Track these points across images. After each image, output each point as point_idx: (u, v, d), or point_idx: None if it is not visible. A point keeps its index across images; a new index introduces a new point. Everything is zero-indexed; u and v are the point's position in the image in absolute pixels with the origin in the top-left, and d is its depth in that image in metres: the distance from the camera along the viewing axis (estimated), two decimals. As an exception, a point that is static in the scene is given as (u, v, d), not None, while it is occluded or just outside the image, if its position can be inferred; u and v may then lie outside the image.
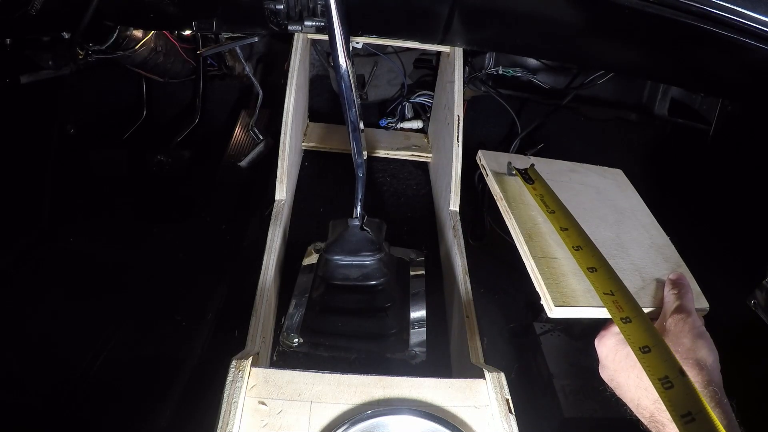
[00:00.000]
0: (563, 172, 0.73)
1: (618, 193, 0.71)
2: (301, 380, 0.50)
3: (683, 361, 0.42)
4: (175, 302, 0.90)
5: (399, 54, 1.20)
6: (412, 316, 0.76)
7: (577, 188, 0.69)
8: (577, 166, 0.75)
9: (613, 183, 0.74)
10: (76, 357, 0.80)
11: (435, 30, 0.74)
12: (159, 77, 1.24)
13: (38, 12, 0.65)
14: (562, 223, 0.58)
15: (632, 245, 0.60)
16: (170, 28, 1.07)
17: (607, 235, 0.61)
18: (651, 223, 0.66)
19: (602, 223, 0.63)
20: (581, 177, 0.73)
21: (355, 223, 0.73)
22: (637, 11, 0.59)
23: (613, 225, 0.63)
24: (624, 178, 0.76)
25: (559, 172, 0.72)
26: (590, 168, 0.75)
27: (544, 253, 0.55)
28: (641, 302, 0.50)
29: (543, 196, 0.63)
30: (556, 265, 0.54)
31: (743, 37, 0.57)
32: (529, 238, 0.57)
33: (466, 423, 0.48)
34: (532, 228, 0.59)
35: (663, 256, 0.60)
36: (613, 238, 0.61)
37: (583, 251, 0.54)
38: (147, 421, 0.73)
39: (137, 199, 1.18)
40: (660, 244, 0.62)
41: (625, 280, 0.52)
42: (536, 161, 0.71)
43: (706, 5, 0.56)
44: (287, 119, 0.86)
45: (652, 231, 0.65)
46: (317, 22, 0.69)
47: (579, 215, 0.60)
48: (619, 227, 0.63)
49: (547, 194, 0.64)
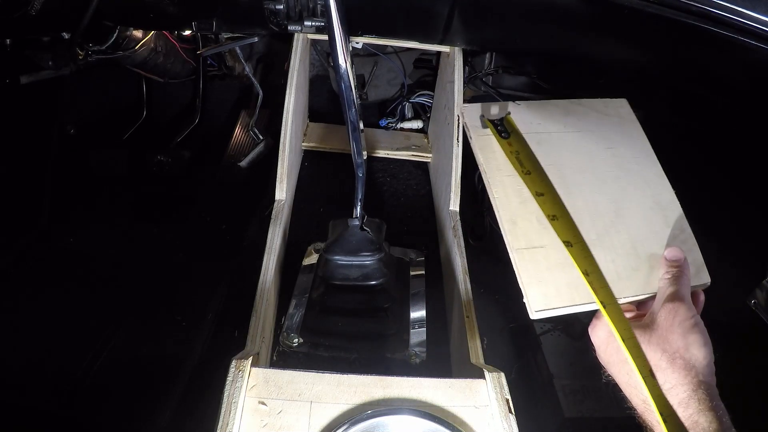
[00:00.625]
0: (556, 117, 0.63)
1: (620, 136, 0.62)
2: (301, 380, 0.50)
3: (671, 362, 0.41)
4: (175, 302, 0.90)
5: (399, 54, 1.20)
6: (412, 316, 0.76)
7: (572, 139, 0.60)
8: (573, 105, 0.65)
9: (615, 122, 0.64)
10: (76, 357, 0.80)
11: (435, 30, 0.74)
12: (159, 77, 1.24)
13: (38, 12, 0.65)
14: (538, 187, 0.53)
15: (631, 209, 0.55)
16: (170, 28, 1.07)
17: (604, 201, 0.55)
18: (655, 174, 0.59)
19: (600, 184, 0.56)
20: (577, 121, 0.63)
21: (355, 223, 0.73)
22: (637, 11, 0.59)
23: (612, 184, 0.57)
24: (628, 111, 0.66)
25: (552, 119, 0.63)
26: (589, 105, 0.66)
27: (528, 242, 0.51)
28: (634, 287, 0.48)
29: (518, 153, 0.56)
30: (541, 256, 0.50)
31: (743, 37, 0.57)
32: (512, 224, 0.52)
33: (466, 423, 0.48)
34: (517, 207, 0.53)
35: (665, 218, 0.55)
36: (610, 203, 0.55)
37: (558, 221, 0.50)
38: (147, 421, 0.73)
39: (137, 199, 1.18)
40: (663, 203, 0.56)
41: (619, 259, 0.49)
42: (525, 107, 0.62)
43: (706, 5, 0.56)
44: (287, 119, 0.86)
45: (655, 186, 0.58)
46: (317, 22, 0.69)
47: (573, 175, 0.55)
48: (618, 185, 0.57)
49: (522, 150, 0.56)
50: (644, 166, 0.59)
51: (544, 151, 0.58)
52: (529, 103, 0.63)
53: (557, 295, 0.48)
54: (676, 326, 0.42)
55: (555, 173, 0.56)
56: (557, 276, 0.49)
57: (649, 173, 0.59)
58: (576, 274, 0.49)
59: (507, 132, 0.59)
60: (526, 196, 0.54)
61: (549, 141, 0.59)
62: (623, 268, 0.50)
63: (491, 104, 0.64)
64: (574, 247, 0.49)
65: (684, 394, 0.39)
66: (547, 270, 0.49)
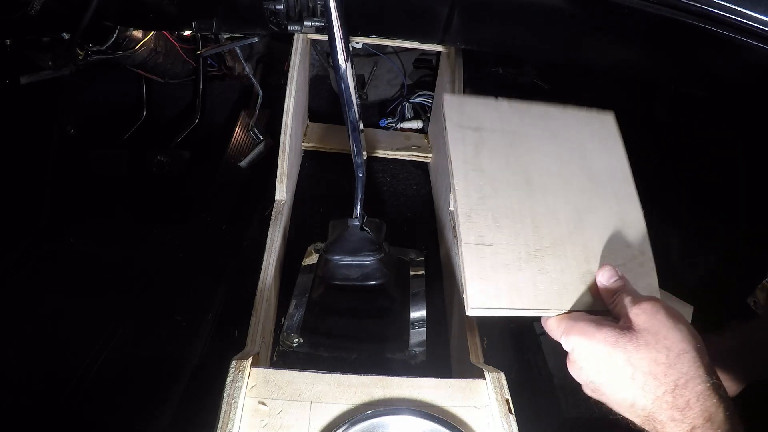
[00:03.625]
0: (536, 120, 0.62)
1: (598, 150, 0.60)
2: (301, 380, 0.50)
3: (678, 357, 0.38)
4: (175, 302, 0.90)
5: (399, 54, 1.20)
6: (412, 316, 0.76)
7: (548, 144, 0.59)
8: (556, 111, 0.64)
9: (596, 135, 0.62)
10: (76, 357, 0.80)
11: (435, 30, 0.74)
12: (159, 77, 1.24)
13: (38, 13, 0.65)
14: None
15: (593, 222, 0.53)
16: (170, 28, 1.07)
17: (567, 209, 0.54)
18: (627, 192, 0.57)
19: (565, 193, 0.55)
20: (557, 127, 0.62)
21: (355, 223, 0.73)
22: (637, 11, 0.59)
23: (579, 194, 0.55)
24: (612, 126, 0.64)
25: (531, 121, 0.61)
26: (573, 114, 0.64)
27: (478, 239, 0.50)
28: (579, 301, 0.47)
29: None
30: (489, 253, 0.49)
31: (743, 36, 0.57)
32: (467, 218, 0.51)
33: (466, 423, 0.48)
34: (475, 203, 0.52)
35: (627, 237, 0.53)
36: (573, 212, 0.54)
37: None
38: (147, 421, 0.73)
39: (137, 199, 1.18)
40: (628, 221, 0.54)
41: (569, 270, 0.48)
42: (507, 105, 0.61)
43: (706, 5, 0.56)
44: (287, 119, 0.86)
45: (625, 203, 0.56)
46: (317, 22, 0.69)
47: (540, 179, 0.54)
48: (584, 197, 0.55)
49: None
50: (616, 182, 0.58)
51: (516, 152, 0.57)
52: (511, 102, 0.62)
53: (497, 296, 0.47)
54: (665, 321, 0.40)
55: (521, 175, 0.56)
56: (501, 277, 0.48)
57: (621, 190, 0.57)
58: (521, 278, 0.48)
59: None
60: (487, 193, 0.53)
61: (523, 143, 0.58)
62: (571, 280, 0.48)
63: (474, 98, 0.63)
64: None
65: (701, 386, 0.37)
66: (491, 268, 0.48)
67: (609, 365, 0.41)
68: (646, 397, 0.39)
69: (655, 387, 0.38)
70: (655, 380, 0.38)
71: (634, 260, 0.52)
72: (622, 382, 0.40)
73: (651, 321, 0.40)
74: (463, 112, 0.60)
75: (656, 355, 0.39)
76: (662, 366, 0.38)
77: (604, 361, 0.41)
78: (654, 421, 0.39)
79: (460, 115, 0.59)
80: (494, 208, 0.52)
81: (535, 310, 0.48)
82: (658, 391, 0.38)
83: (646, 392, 0.39)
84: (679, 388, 0.37)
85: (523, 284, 0.48)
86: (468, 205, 0.52)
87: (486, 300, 0.47)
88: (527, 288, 0.48)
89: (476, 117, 0.60)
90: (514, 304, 0.47)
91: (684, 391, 0.37)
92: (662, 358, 0.39)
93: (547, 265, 0.49)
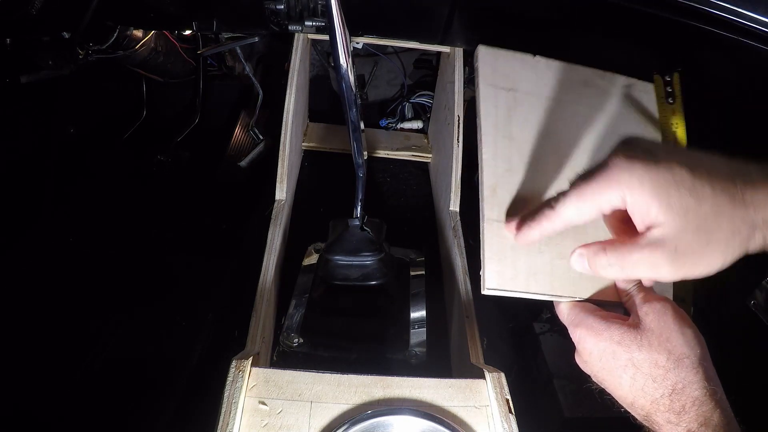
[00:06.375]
0: (575, 86, 0.57)
1: (634, 123, 0.56)
2: (301, 380, 0.50)
3: (678, 362, 0.38)
4: (175, 302, 0.90)
5: (399, 54, 1.20)
6: (412, 316, 0.76)
7: (584, 114, 0.55)
8: (595, 77, 0.58)
9: (634, 107, 0.58)
10: (76, 357, 0.80)
11: (435, 30, 0.74)
12: (159, 77, 1.24)
13: (38, 12, 0.65)
14: None
15: None
16: (170, 28, 1.07)
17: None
18: None
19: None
20: (595, 95, 0.57)
21: (355, 223, 0.73)
22: (637, 11, 0.59)
23: None
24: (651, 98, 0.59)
25: (570, 87, 0.56)
26: (612, 80, 0.59)
27: (501, 215, 0.47)
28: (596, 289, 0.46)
29: (677, 125, 0.48)
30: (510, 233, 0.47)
31: (743, 37, 0.57)
32: (492, 191, 0.48)
33: (466, 423, 0.48)
34: (502, 175, 0.48)
35: None
36: None
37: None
38: (147, 421, 0.73)
39: (137, 199, 1.18)
40: None
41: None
42: (545, 65, 0.56)
43: (706, 5, 0.56)
44: (287, 119, 0.86)
45: None
46: (317, 22, 0.69)
47: (573, 156, 0.51)
48: None
49: (681, 125, 0.48)
50: None
51: (550, 121, 0.53)
52: (548, 62, 0.56)
53: (513, 278, 0.46)
54: (672, 324, 0.40)
55: (553, 148, 0.52)
56: (520, 258, 0.47)
57: None
58: (540, 261, 0.47)
59: (673, 97, 0.49)
60: (515, 165, 0.49)
61: (557, 109, 0.53)
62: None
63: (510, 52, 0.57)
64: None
65: (697, 392, 0.38)
66: (511, 249, 0.47)
67: (612, 363, 0.41)
68: (644, 398, 0.39)
69: (654, 390, 0.39)
70: (654, 383, 0.39)
71: None
72: (623, 382, 0.41)
73: (658, 322, 0.41)
74: (497, 69, 0.54)
75: (657, 358, 0.39)
76: (662, 369, 0.39)
77: (608, 359, 0.41)
78: (651, 422, 0.39)
79: (494, 72, 0.54)
80: (520, 183, 0.49)
81: (550, 295, 0.47)
82: (656, 394, 0.39)
83: (645, 393, 0.39)
84: (676, 393, 0.38)
85: (540, 267, 0.46)
86: (495, 177, 0.48)
87: (503, 282, 0.46)
88: (544, 272, 0.47)
89: (511, 75, 0.54)
90: (529, 288, 0.46)
91: (681, 396, 0.38)
92: (663, 361, 0.39)
93: (566, 249, 0.47)
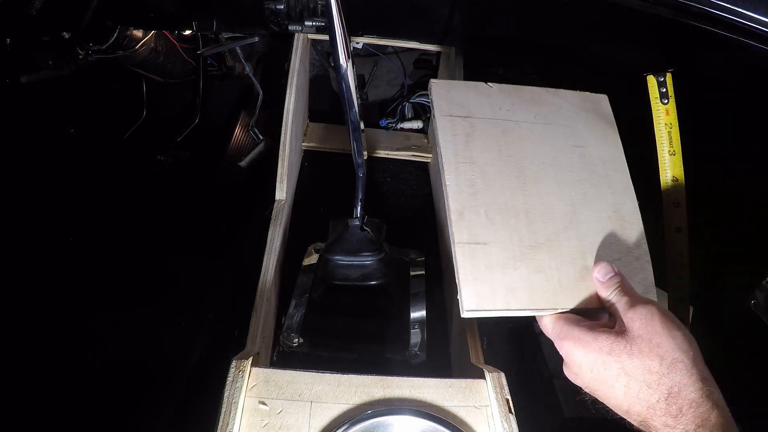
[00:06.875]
0: (527, 105, 0.58)
1: (592, 136, 0.58)
2: (301, 380, 0.50)
3: (672, 366, 0.38)
4: (175, 302, 0.90)
5: (399, 54, 1.20)
6: (412, 316, 0.76)
7: (540, 131, 0.57)
8: (548, 94, 0.60)
9: (590, 120, 0.60)
10: (76, 357, 0.80)
11: (435, 30, 0.74)
12: (159, 77, 1.24)
13: (38, 12, 0.65)
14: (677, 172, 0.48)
15: (588, 215, 0.52)
16: (170, 28, 1.07)
17: (561, 204, 0.52)
18: (621, 181, 0.55)
19: (560, 185, 0.53)
20: (549, 112, 0.59)
21: (355, 223, 0.73)
22: (637, 11, 0.59)
23: (573, 186, 0.53)
24: (606, 110, 0.61)
25: (522, 106, 0.58)
26: (565, 96, 0.61)
27: (471, 237, 0.48)
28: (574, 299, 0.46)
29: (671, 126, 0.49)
30: (483, 253, 0.47)
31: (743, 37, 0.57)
32: (459, 215, 0.49)
33: (466, 423, 0.48)
34: (467, 199, 0.49)
35: (622, 230, 0.52)
36: (567, 206, 0.52)
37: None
38: (147, 421, 0.73)
39: (137, 199, 1.18)
40: (624, 213, 0.53)
41: (564, 267, 0.47)
42: (498, 90, 0.58)
43: (706, 5, 0.56)
44: (287, 119, 0.86)
45: (619, 194, 0.54)
46: (317, 22, 0.69)
47: (533, 171, 0.52)
48: (579, 189, 0.53)
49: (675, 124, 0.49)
50: (611, 170, 0.55)
51: (507, 140, 0.55)
52: (501, 87, 0.59)
53: (492, 297, 0.46)
54: (660, 328, 0.40)
55: (514, 166, 0.53)
56: (496, 277, 0.47)
57: (615, 179, 0.55)
58: (516, 277, 0.47)
59: (667, 97, 0.50)
60: (479, 187, 0.51)
61: (515, 130, 0.55)
62: (567, 277, 0.47)
63: (462, 83, 0.60)
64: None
65: (693, 394, 0.38)
66: (486, 269, 0.47)
67: (604, 374, 0.41)
68: (640, 404, 0.39)
69: (649, 395, 0.39)
70: (649, 389, 0.39)
71: (629, 254, 0.51)
72: (617, 391, 0.40)
73: (645, 328, 0.40)
74: (452, 99, 0.57)
75: (650, 364, 0.39)
76: (655, 375, 0.39)
77: (599, 370, 0.41)
78: (648, 426, 0.39)
79: (449, 102, 0.56)
80: (487, 204, 0.50)
81: (531, 309, 0.47)
82: (651, 399, 0.39)
83: (640, 400, 0.39)
84: (672, 397, 0.38)
85: (518, 283, 0.47)
86: (460, 202, 0.50)
87: (481, 302, 0.46)
88: (522, 287, 0.47)
89: (465, 104, 0.57)
90: (509, 305, 0.46)
91: (677, 399, 0.38)
92: (656, 366, 0.39)
93: (542, 262, 0.48)
